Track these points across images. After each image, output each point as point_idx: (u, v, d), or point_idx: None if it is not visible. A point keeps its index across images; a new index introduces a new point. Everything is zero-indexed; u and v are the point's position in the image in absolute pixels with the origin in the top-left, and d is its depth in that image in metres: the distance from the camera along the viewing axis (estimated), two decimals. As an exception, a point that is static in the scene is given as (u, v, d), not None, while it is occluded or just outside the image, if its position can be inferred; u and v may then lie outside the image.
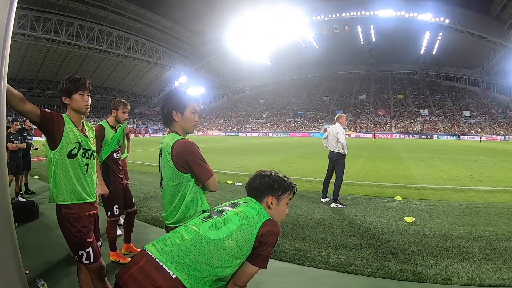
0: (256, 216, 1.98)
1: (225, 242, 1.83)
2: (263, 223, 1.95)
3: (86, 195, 2.81)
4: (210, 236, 1.83)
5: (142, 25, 77.13)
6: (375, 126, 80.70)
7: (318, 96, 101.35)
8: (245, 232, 1.89)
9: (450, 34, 71.18)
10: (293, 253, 4.55)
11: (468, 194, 8.87)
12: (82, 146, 2.80)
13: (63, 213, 2.70)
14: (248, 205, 2.07)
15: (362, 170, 13.87)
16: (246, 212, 1.99)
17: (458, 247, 4.76)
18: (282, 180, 2.16)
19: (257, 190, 2.15)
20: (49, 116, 2.58)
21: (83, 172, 2.80)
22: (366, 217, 6.39)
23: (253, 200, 2.13)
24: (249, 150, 26.25)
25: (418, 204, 7.42)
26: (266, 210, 2.09)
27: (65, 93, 2.77)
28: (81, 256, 2.71)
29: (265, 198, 2.12)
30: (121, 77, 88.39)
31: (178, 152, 2.38)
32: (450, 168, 14.67)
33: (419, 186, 10.06)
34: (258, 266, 1.95)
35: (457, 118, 77.92)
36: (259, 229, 1.93)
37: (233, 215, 1.96)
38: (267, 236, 1.92)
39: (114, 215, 4.41)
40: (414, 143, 42.68)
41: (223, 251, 1.81)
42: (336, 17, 75.86)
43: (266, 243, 1.93)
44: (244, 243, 1.87)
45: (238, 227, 1.89)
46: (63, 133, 2.67)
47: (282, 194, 2.14)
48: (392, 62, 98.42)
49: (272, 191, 2.12)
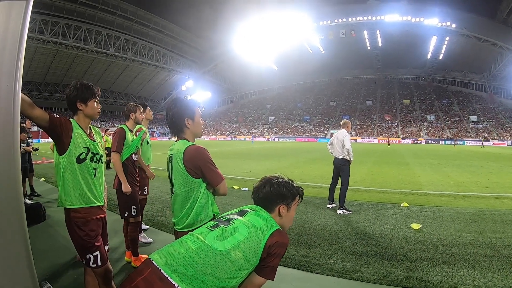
0: (264, 226, 1.94)
1: (232, 253, 1.79)
2: (271, 234, 1.91)
3: (94, 199, 2.84)
4: (217, 247, 1.80)
5: (149, 29, 77.62)
6: (381, 132, 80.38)
7: (325, 101, 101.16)
8: (253, 243, 1.85)
9: (457, 38, 70.96)
10: (299, 259, 4.55)
11: (475, 200, 8.82)
12: (91, 151, 2.83)
13: (71, 217, 2.73)
14: (256, 214, 2.03)
15: (368, 175, 13.84)
16: (254, 222, 1.95)
17: (465, 255, 4.74)
18: (291, 186, 2.14)
19: (267, 200, 2.11)
20: (57, 121, 2.62)
21: (91, 176, 2.83)
22: (373, 223, 6.38)
23: (261, 209, 2.10)
24: (255, 155, 26.27)
25: (424, 211, 7.39)
26: (276, 218, 2.07)
27: (81, 99, 2.81)
28: (88, 260, 2.74)
29: (275, 208, 2.10)
30: (128, 81, 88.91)
31: (190, 158, 2.41)
32: (456, 174, 14.60)
33: (426, 192, 10.01)
34: (265, 277, 1.92)
35: (463, 123, 77.45)
36: (267, 240, 1.88)
37: (240, 225, 1.93)
38: (275, 248, 1.89)
39: (132, 215, 4.46)
40: (421, 149, 42.43)
41: (230, 262, 1.77)
42: (342, 22, 75.90)
43: (274, 254, 1.89)
44: (251, 255, 1.83)
45: (245, 237, 1.86)
46: (72, 138, 2.70)
47: (292, 201, 2.13)
48: (399, 67, 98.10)
49: (283, 199, 2.10)
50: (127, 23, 72.77)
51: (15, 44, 2.07)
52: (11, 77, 2.06)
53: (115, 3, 68.04)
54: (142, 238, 5.27)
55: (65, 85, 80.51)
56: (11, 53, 2.05)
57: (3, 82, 2.03)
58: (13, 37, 2.06)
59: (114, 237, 5.50)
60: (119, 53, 73.20)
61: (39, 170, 13.32)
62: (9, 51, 2.04)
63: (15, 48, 2.06)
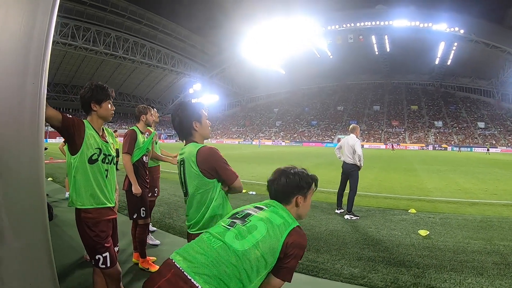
0: (282, 224, 1.88)
1: (252, 252, 1.73)
2: (289, 233, 1.85)
3: (105, 200, 2.85)
4: (236, 247, 1.73)
5: (158, 32, 78.08)
6: (389, 137, 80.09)
7: (332, 106, 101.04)
8: (271, 242, 1.79)
9: (465, 44, 70.71)
10: (306, 264, 4.55)
11: (482, 207, 8.77)
12: (103, 152, 2.85)
13: (82, 217, 2.74)
14: (273, 210, 1.98)
15: (376, 181, 13.80)
16: (272, 219, 1.89)
17: (473, 262, 4.72)
18: (306, 176, 2.12)
19: (284, 192, 2.07)
20: (70, 122, 2.63)
21: (103, 177, 2.85)
22: (380, 229, 6.37)
23: (277, 204, 2.05)
24: (262, 159, 26.24)
25: (432, 217, 7.36)
26: (293, 210, 2.06)
27: (95, 100, 2.84)
28: (98, 261, 2.74)
29: (293, 199, 2.06)
30: (136, 83, 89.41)
31: (204, 159, 2.41)
32: (464, 181, 14.52)
33: (433, 199, 9.97)
34: (282, 279, 1.85)
35: (471, 129, 77.00)
36: (285, 239, 1.82)
37: (258, 222, 1.87)
38: (293, 248, 1.83)
39: (141, 217, 4.47)
40: (428, 155, 42.21)
41: (249, 262, 1.70)
42: (350, 27, 75.96)
43: (291, 255, 1.83)
44: (269, 254, 1.77)
45: (263, 236, 1.79)
46: (84, 138, 2.71)
47: (308, 190, 2.12)
48: (407, 72, 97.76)
49: (299, 190, 2.07)
50: (136, 26, 73.32)
51: (41, 42, 2.07)
52: (37, 75, 2.06)
53: (124, 6, 68.64)
54: (150, 240, 5.29)
55: (73, 86, 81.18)
56: (37, 50, 2.05)
57: (28, 80, 2.03)
58: (39, 35, 2.06)
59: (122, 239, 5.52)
60: (128, 55, 73.73)
61: (46, 170, 13.31)
62: (35, 49, 2.05)
63: (41, 46, 2.07)
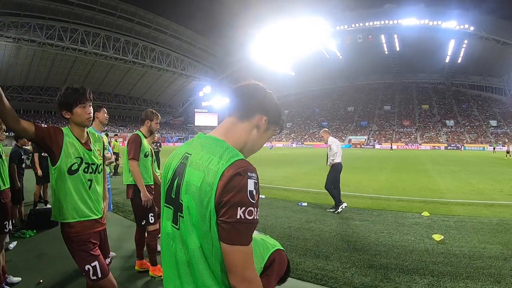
0: (215, 165, 1.29)
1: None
2: (225, 169, 1.26)
3: (90, 212, 2.66)
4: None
5: (167, 36, 78.60)
6: (400, 137, 79.58)
7: (342, 107, 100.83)
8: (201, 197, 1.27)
9: (475, 41, 70.00)
10: (315, 272, 4.39)
11: (498, 209, 8.52)
12: (85, 161, 2.64)
13: (66, 232, 2.60)
14: (206, 149, 1.39)
15: (387, 183, 13.59)
16: (200, 172, 1.30)
17: (489, 269, 4.52)
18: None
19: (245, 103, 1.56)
20: (45, 132, 2.44)
21: (85, 188, 2.65)
22: (393, 234, 6.18)
23: (214, 139, 1.44)
24: (273, 161, 26.18)
25: (446, 221, 7.16)
26: (252, 133, 1.53)
27: (65, 107, 2.59)
28: (88, 272, 2.56)
29: (254, 116, 1.53)
30: (146, 87, 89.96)
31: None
32: (478, 181, 14.23)
33: (447, 200, 9.74)
34: (230, 243, 1.21)
35: (483, 128, 76.10)
36: (218, 181, 1.24)
37: (187, 198, 1.31)
38: (232, 182, 1.23)
39: (150, 223, 4.37)
40: (440, 154, 41.74)
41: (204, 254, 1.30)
42: (359, 27, 75.75)
43: (228, 201, 1.21)
44: (199, 218, 1.27)
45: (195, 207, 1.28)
46: (62, 147, 2.53)
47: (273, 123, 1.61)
48: (417, 71, 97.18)
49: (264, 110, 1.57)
50: (145, 30, 73.88)
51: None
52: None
53: (133, 11, 69.25)
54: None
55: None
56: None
57: None
58: None
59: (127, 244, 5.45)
60: (138, 60, 74.35)
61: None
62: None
63: None
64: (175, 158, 1.50)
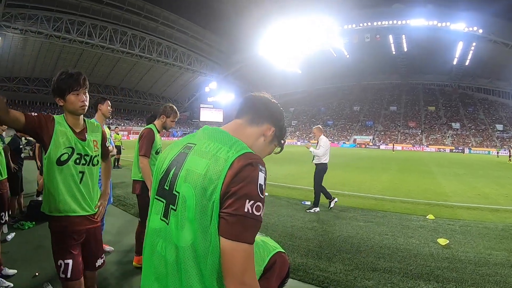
0: (223, 157, 1.21)
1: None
2: (233, 162, 1.18)
3: (78, 207, 2.47)
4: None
5: (174, 31, 78.53)
6: (405, 139, 79.24)
7: (348, 106, 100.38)
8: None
9: (484, 44, 69.10)
10: (317, 274, 4.31)
11: (503, 214, 8.42)
12: (76, 151, 2.47)
13: (51, 225, 2.47)
14: (212, 138, 1.34)
15: (392, 184, 13.48)
16: (215, 152, 1.25)
17: (495, 276, 4.44)
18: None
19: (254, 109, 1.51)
20: (35, 121, 2.31)
21: (75, 181, 2.46)
22: (397, 237, 6.08)
23: (220, 131, 1.39)
24: (276, 159, 26.00)
25: (451, 225, 7.05)
26: (259, 141, 1.48)
27: (58, 94, 2.43)
28: (59, 267, 2.39)
29: (264, 123, 1.48)
30: (153, 81, 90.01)
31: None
32: (483, 185, 14.10)
33: (452, 204, 9.63)
34: (233, 238, 1.11)
35: (489, 132, 75.56)
36: (226, 174, 1.16)
37: (186, 190, 1.22)
38: (242, 173, 1.15)
39: None
40: (445, 157, 41.51)
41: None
42: (367, 26, 75.21)
43: (236, 192, 1.13)
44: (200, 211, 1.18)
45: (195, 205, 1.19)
46: (52, 136, 2.38)
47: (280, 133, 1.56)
48: (424, 72, 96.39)
49: (272, 119, 1.51)
50: (152, 24, 73.84)
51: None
52: None
53: (140, 5, 69.25)
54: None
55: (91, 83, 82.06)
56: None
57: None
58: None
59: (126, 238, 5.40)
60: (144, 54, 74.34)
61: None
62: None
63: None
64: (173, 149, 1.44)
